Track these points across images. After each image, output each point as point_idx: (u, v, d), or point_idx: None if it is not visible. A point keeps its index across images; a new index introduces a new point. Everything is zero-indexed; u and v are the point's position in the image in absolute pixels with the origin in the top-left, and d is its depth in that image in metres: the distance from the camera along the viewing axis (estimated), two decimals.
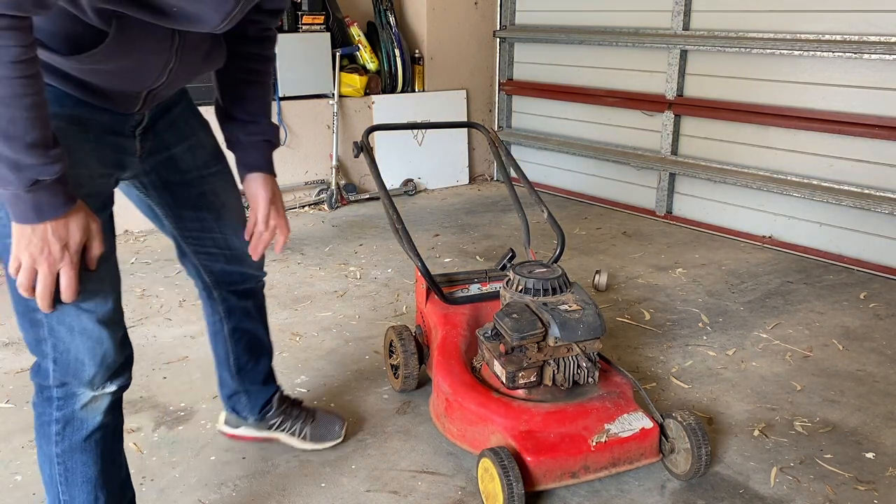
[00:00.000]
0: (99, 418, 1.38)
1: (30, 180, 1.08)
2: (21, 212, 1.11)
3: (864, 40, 3.41)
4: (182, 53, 1.31)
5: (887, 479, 1.97)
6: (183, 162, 1.55)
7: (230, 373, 1.91)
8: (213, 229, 1.65)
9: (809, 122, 3.70)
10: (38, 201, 1.11)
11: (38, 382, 1.35)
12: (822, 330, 2.90)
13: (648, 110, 4.46)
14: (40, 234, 1.13)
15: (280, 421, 2.01)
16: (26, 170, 1.07)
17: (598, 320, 1.91)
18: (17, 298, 1.25)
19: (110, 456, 1.44)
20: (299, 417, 2.03)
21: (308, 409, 2.07)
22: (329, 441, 2.06)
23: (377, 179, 2.33)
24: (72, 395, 1.33)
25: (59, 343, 1.28)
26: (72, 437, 1.36)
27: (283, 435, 2.03)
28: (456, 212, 4.60)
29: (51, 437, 1.36)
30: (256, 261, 1.73)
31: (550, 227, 2.48)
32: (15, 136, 1.04)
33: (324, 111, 4.66)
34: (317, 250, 3.83)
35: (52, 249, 1.14)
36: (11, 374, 2.51)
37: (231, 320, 1.84)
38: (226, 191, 1.66)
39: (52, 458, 1.37)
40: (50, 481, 1.40)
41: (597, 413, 1.89)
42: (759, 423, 2.23)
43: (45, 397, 1.35)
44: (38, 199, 1.11)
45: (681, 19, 4.16)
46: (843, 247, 3.70)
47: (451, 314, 2.25)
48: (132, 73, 1.27)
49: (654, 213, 4.51)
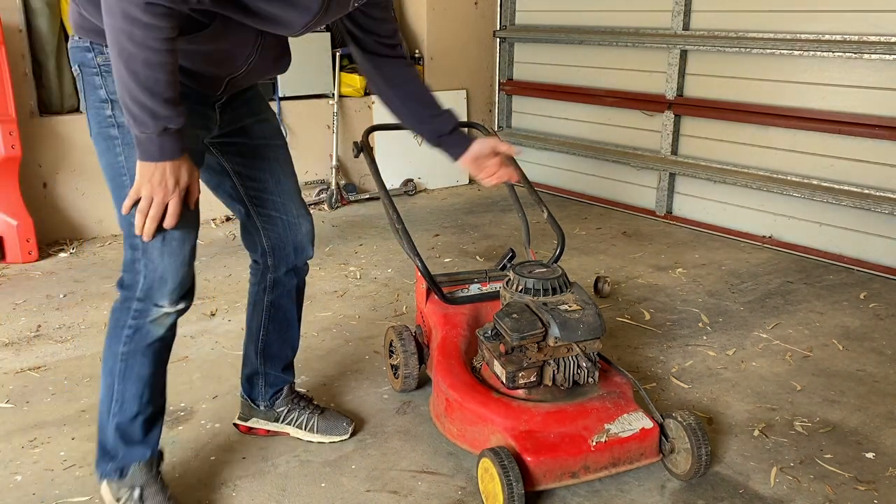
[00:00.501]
0: (161, 332, 1.67)
1: (161, 127, 1.41)
2: (149, 152, 1.44)
3: (864, 40, 3.41)
4: (261, 50, 1.65)
5: (887, 479, 1.97)
6: (253, 132, 1.85)
7: (256, 349, 2.07)
8: (274, 192, 1.91)
9: (809, 122, 3.70)
10: (163, 144, 1.44)
11: (124, 294, 1.64)
12: (822, 330, 2.90)
13: (648, 110, 4.46)
14: (161, 171, 1.46)
15: (288, 410, 2.11)
16: (161, 119, 1.40)
17: (598, 320, 1.91)
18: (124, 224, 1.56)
19: (161, 363, 1.73)
20: (307, 409, 2.12)
21: (317, 405, 2.16)
22: (337, 435, 2.12)
23: (377, 179, 2.34)
24: (148, 309, 1.63)
25: (150, 263, 1.58)
26: (138, 343, 1.65)
27: (292, 428, 2.11)
28: (456, 212, 4.60)
29: (121, 339, 1.65)
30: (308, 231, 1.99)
31: (550, 227, 2.48)
32: (157, 92, 1.38)
33: (324, 111, 4.66)
34: (317, 250, 3.82)
35: (167, 184, 1.47)
36: (11, 374, 2.51)
37: (273, 293, 2.02)
38: (287, 163, 1.96)
39: (118, 355, 1.66)
40: (109, 374, 1.68)
41: (597, 413, 1.89)
42: (759, 423, 2.23)
43: (126, 307, 1.63)
44: (164, 142, 1.43)
45: (681, 19, 4.16)
46: (843, 247, 3.70)
47: (451, 314, 2.25)
48: (222, 58, 1.60)
49: (654, 213, 4.51)
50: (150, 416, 1.72)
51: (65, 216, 3.92)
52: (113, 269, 3.52)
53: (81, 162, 3.89)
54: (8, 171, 3.48)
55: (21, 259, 3.57)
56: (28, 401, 2.34)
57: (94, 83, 1.57)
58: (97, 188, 3.95)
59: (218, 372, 2.53)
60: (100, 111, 1.57)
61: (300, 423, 2.10)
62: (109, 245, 3.88)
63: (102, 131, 1.58)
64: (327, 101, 4.65)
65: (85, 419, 2.23)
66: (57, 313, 3.01)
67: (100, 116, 1.58)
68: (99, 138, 1.59)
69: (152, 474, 1.74)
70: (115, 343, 1.66)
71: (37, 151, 3.77)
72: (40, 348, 2.70)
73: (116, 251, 3.77)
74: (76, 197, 3.92)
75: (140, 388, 1.69)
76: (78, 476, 1.96)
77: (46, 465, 2.00)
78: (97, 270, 3.51)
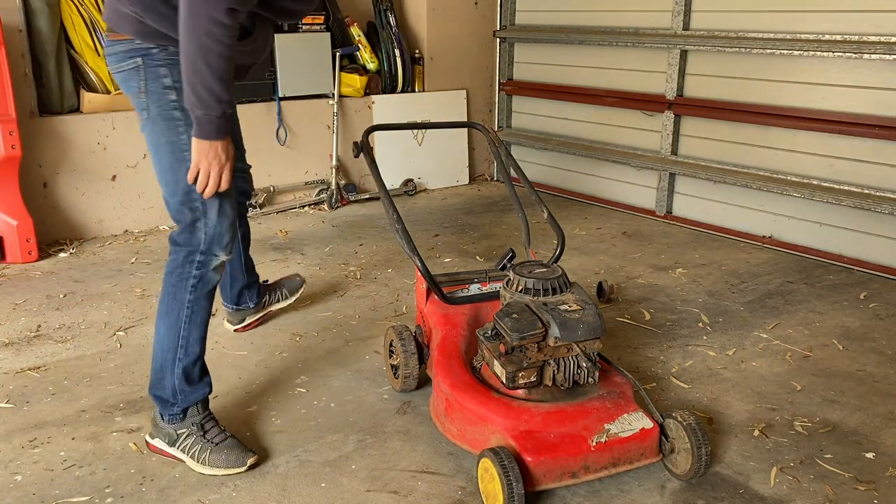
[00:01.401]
0: (217, 277, 1.99)
1: (222, 110, 1.73)
2: (208, 131, 1.76)
3: (865, 40, 3.41)
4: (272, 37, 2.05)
5: (887, 479, 1.97)
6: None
7: (242, 269, 2.65)
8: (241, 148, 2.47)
9: (809, 122, 3.70)
10: (219, 125, 1.76)
11: (187, 249, 1.93)
12: (822, 330, 2.90)
13: (648, 110, 4.46)
14: (216, 148, 1.79)
15: (268, 297, 2.84)
16: (223, 103, 1.73)
17: (598, 320, 1.91)
18: (185, 192, 1.86)
19: (210, 308, 2.04)
20: (275, 287, 2.87)
21: (275, 282, 2.90)
22: (299, 289, 2.93)
23: (377, 179, 2.34)
24: (209, 260, 1.94)
25: (209, 221, 1.91)
26: (201, 290, 1.96)
27: (273, 306, 2.87)
28: (456, 212, 4.60)
29: (187, 288, 1.95)
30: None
31: (550, 227, 2.48)
32: (225, 81, 1.70)
33: (324, 111, 4.66)
34: (317, 250, 3.83)
35: (220, 158, 1.80)
36: (11, 374, 2.51)
37: (242, 226, 2.58)
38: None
39: (185, 303, 1.95)
40: (175, 322, 1.96)
41: (597, 413, 1.89)
42: (759, 423, 2.23)
43: (190, 260, 1.93)
44: (220, 124, 1.75)
45: (681, 19, 4.16)
46: (843, 247, 3.70)
47: (451, 314, 2.25)
48: (258, 50, 1.97)
49: (654, 213, 4.51)
50: (203, 358, 2.04)
51: (65, 216, 3.92)
52: (113, 268, 3.52)
53: (81, 162, 3.90)
54: (8, 171, 3.48)
55: (21, 259, 3.57)
56: (28, 401, 2.34)
57: (158, 73, 1.83)
58: (97, 188, 3.96)
59: (218, 372, 2.53)
60: (164, 96, 1.85)
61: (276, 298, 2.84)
62: (109, 245, 3.88)
63: (165, 113, 1.85)
64: (327, 102, 4.65)
65: (85, 419, 2.23)
66: (57, 313, 3.01)
67: (163, 101, 1.85)
68: (159, 119, 1.86)
69: (208, 410, 2.05)
70: (181, 293, 1.95)
71: (37, 151, 3.77)
72: (40, 348, 2.70)
73: (116, 251, 3.77)
74: (76, 197, 3.93)
75: (201, 332, 2.00)
76: (78, 476, 1.96)
77: (46, 465, 2.00)
78: (97, 270, 3.51)
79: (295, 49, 4.47)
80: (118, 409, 2.30)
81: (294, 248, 3.87)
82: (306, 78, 4.55)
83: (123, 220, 4.07)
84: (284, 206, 4.55)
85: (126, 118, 3.97)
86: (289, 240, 4.00)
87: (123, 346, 2.73)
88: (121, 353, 2.67)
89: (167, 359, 1.97)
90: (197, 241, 1.92)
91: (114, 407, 2.31)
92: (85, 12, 3.86)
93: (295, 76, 4.49)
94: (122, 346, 2.72)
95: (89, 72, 3.88)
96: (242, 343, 2.75)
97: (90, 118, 3.90)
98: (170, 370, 1.97)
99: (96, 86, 3.91)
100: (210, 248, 1.93)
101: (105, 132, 3.94)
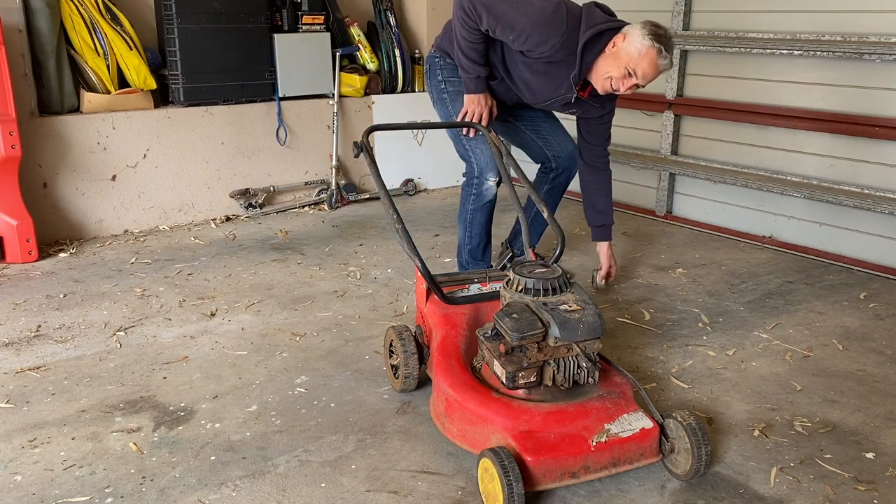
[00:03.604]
0: (490, 195, 2.97)
1: (476, 74, 2.79)
2: (470, 88, 2.82)
3: (864, 40, 3.41)
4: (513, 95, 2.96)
5: (887, 479, 1.97)
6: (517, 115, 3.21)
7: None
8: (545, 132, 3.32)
9: (809, 122, 3.70)
10: (477, 84, 2.81)
11: (468, 176, 2.97)
12: (822, 330, 2.90)
13: (648, 110, 4.46)
14: (478, 98, 2.84)
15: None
16: (472, 71, 2.78)
17: (598, 320, 1.91)
18: (456, 137, 2.97)
19: (490, 215, 3.05)
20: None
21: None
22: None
23: (377, 179, 2.33)
24: (483, 181, 2.93)
25: (476, 155, 2.91)
26: (478, 203, 2.98)
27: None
28: (456, 212, 4.59)
29: (468, 201, 2.99)
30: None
31: (550, 226, 2.48)
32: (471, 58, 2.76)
33: (324, 111, 4.66)
34: (317, 250, 3.83)
35: (482, 105, 2.85)
36: (11, 374, 2.51)
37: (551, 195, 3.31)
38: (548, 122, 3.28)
39: (468, 212, 3.02)
40: (463, 223, 3.06)
41: (597, 413, 1.89)
42: (759, 423, 2.23)
43: (470, 182, 2.97)
44: (477, 83, 2.81)
45: (681, 19, 4.16)
46: (843, 247, 3.70)
47: (451, 314, 2.25)
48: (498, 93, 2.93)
49: (654, 213, 4.51)
50: (485, 243, 3.10)
51: (65, 216, 3.92)
52: (112, 268, 3.52)
53: (81, 162, 3.90)
54: (8, 171, 3.48)
55: (21, 259, 3.57)
56: (28, 401, 2.34)
57: (437, 72, 3.01)
58: (97, 188, 3.95)
59: (218, 372, 2.53)
60: (438, 86, 3.01)
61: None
62: (109, 245, 3.88)
63: (439, 97, 3.03)
64: (327, 102, 4.65)
65: (85, 419, 2.23)
66: (57, 313, 3.01)
67: (438, 89, 3.02)
68: (438, 102, 3.04)
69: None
70: (465, 204, 3.01)
71: (37, 151, 3.77)
72: (40, 348, 2.70)
73: (116, 251, 3.77)
74: (76, 197, 3.93)
75: (481, 228, 3.05)
76: (78, 476, 1.96)
77: (46, 465, 2.00)
78: (97, 270, 3.51)
79: (295, 49, 4.47)
80: (118, 409, 2.30)
81: (294, 248, 3.87)
82: (306, 78, 4.55)
83: (123, 220, 4.07)
84: (284, 206, 4.55)
85: (126, 118, 3.97)
86: (289, 240, 4.00)
87: (123, 346, 2.73)
88: (121, 353, 2.67)
89: (462, 244, 3.10)
90: (472, 168, 2.92)
91: (114, 407, 2.31)
92: (85, 12, 3.86)
93: (295, 76, 4.49)
94: (122, 346, 2.72)
95: (89, 72, 3.88)
96: (242, 343, 2.75)
97: (90, 118, 3.90)
98: (463, 251, 3.10)
99: (96, 86, 3.91)
100: (482, 172, 2.89)
101: (105, 132, 3.94)
